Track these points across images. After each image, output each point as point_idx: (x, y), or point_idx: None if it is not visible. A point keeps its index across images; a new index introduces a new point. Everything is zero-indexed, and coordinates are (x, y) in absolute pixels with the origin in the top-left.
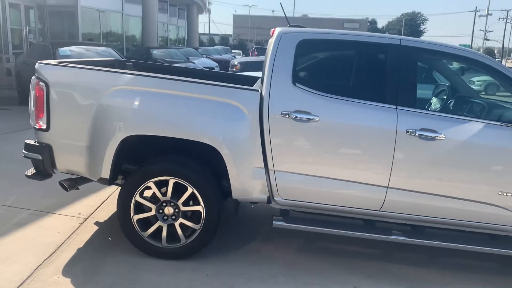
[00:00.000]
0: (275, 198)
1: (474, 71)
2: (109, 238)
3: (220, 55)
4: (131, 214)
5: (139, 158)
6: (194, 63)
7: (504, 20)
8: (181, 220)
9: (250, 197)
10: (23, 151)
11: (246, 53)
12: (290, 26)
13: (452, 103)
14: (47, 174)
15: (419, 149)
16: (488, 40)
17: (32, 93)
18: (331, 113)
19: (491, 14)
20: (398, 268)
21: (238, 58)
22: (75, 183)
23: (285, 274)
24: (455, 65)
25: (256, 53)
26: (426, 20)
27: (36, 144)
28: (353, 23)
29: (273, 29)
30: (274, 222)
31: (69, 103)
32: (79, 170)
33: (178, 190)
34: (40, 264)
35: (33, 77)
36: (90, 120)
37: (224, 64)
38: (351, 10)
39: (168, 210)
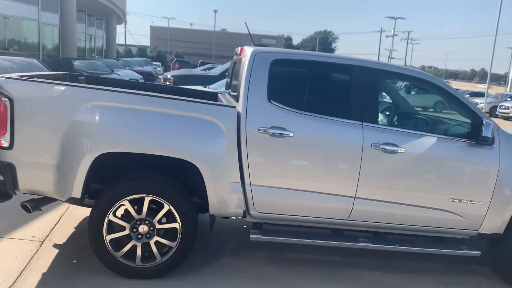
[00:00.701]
0: (251, 212)
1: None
2: (74, 261)
3: (142, 67)
4: (104, 234)
5: (106, 176)
6: (118, 74)
7: (406, 40)
8: (156, 238)
9: (226, 212)
10: None
11: (165, 65)
12: (255, 45)
13: (402, 119)
14: (7, 195)
15: (383, 162)
16: (393, 58)
17: None
18: (305, 129)
19: (396, 35)
20: (364, 274)
21: (171, 72)
22: (38, 204)
23: (261, 286)
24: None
25: (177, 65)
26: (337, 38)
27: None
28: (270, 39)
29: (240, 47)
30: (251, 236)
31: (36, 120)
32: (45, 190)
33: (152, 207)
34: None
35: None
36: (60, 137)
37: (146, 76)
38: (268, 26)
39: (143, 228)
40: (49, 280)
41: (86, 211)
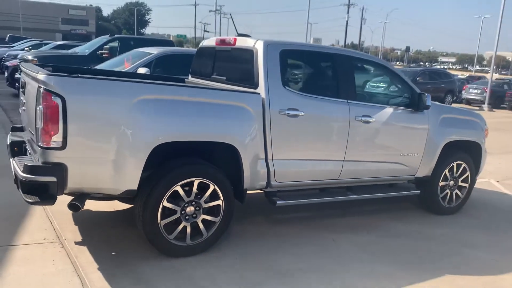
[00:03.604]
0: (271, 183)
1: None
2: (113, 253)
3: None
4: (159, 220)
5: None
6: None
7: (220, 15)
8: (203, 216)
9: (255, 185)
10: (24, 175)
11: None
12: (239, 34)
13: (369, 95)
14: (56, 197)
15: (362, 130)
16: (208, 31)
17: (38, 108)
18: (311, 108)
19: (218, 10)
20: (344, 220)
21: (32, 52)
22: (82, 202)
23: (287, 242)
24: None
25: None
26: (150, 10)
27: (47, 165)
28: (80, 10)
29: (233, 38)
30: (278, 202)
31: (88, 117)
32: (99, 187)
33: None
34: None
35: (40, 89)
36: (115, 132)
37: None
38: None
39: (189, 209)
40: (111, 272)
41: (63, 206)
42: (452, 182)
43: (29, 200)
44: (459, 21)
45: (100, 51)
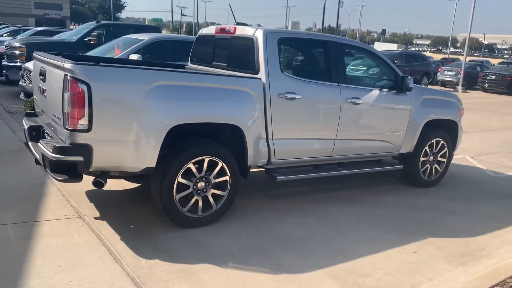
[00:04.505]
0: (272, 160)
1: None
2: (131, 226)
3: None
4: (174, 195)
5: None
6: None
7: None
8: (212, 190)
9: (257, 163)
10: (54, 155)
11: None
12: (237, 23)
13: (357, 78)
14: (81, 176)
15: (352, 111)
16: (185, 15)
17: (65, 94)
18: (306, 91)
19: None
20: (339, 194)
21: (18, 39)
22: (105, 179)
23: (286, 214)
24: None
25: None
26: None
27: (75, 146)
28: None
29: (233, 26)
30: (278, 177)
31: (111, 102)
32: (121, 165)
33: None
34: (115, 258)
35: (67, 77)
36: (135, 115)
37: None
38: None
39: (201, 184)
40: (133, 242)
41: (78, 185)
42: (431, 158)
43: (59, 178)
44: (433, 4)
45: (87, 37)
